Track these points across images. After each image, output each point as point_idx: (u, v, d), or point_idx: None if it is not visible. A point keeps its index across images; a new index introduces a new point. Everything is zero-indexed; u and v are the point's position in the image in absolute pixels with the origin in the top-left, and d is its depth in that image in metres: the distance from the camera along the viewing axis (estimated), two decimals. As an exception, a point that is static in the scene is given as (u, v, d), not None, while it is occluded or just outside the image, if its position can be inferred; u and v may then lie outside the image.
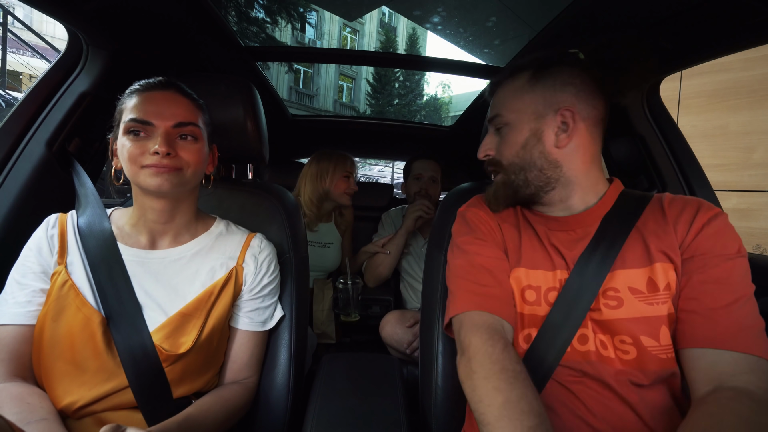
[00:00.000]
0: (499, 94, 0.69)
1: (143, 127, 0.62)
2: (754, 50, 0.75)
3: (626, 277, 0.58)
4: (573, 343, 0.58)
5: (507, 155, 0.65)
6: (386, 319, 1.34)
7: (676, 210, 0.60)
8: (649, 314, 0.56)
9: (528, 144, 0.63)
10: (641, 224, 0.61)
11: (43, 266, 0.63)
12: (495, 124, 0.68)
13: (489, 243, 0.67)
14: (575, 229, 0.64)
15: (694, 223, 0.57)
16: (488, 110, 0.71)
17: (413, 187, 1.63)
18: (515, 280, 0.64)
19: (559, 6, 0.81)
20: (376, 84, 18.41)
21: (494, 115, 0.67)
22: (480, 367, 0.52)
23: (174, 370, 0.63)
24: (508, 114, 0.65)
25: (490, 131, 0.69)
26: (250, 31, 8.44)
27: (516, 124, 0.64)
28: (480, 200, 0.75)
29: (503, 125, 0.66)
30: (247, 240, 0.76)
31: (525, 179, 0.64)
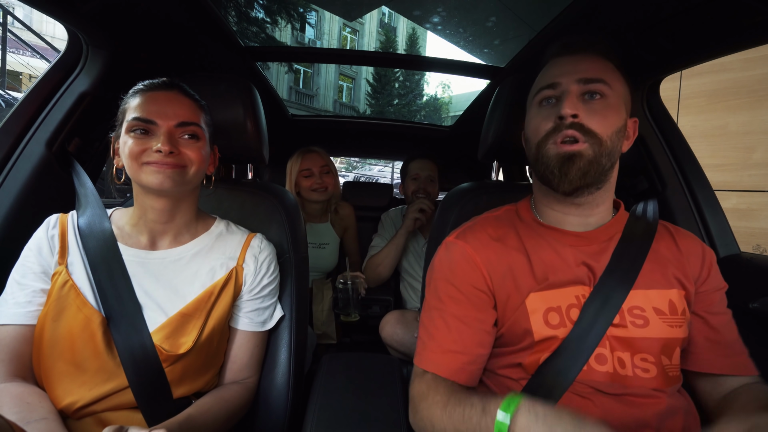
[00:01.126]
0: (600, 59, 0.61)
1: (146, 125, 0.62)
2: (754, 50, 0.74)
3: (648, 297, 0.59)
4: (590, 362, 0.57)
5: (603, 130, 0.57)
6: (386, 319, 1.34)
7: (685, 242, 0.65)
8: (671, 336, 0.58)
9: (619, 132, 0.59)
10: (655, 247, 0.63)
11: (44, 266, 0.63)
12: (591, 88, 0.58)
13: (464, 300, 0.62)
14: (592, 245, 0.63)
15: (705, 262, 0.64)
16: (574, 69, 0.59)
17: (411, 186, 1.63)
18: (533, 307, 0.59)
19: (559, 6, 0.81)
20: (376, 84, 18.41)
21: (596, 78, 0.58)
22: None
23: (174, 371, 0.63)
24: (610, 88, 0.59)
25: (572, 93, 0.58)
26: (250, 31, 8.44)
27: (615, 104, 0.59)
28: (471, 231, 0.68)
29: (601, 96, 0.58)
30: (247, 240, 0.76)
31: (606, 167, 0.59)
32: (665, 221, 0.70)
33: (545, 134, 0.59)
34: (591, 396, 0.56)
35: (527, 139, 0.66)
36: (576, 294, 0.59)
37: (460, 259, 0.64)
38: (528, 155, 0.66)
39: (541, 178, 0.62)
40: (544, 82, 0.62)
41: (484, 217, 0.72)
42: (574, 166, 0.57)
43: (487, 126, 0.90)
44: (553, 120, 0.59)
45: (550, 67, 0.64)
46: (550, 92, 0.61)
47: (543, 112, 0.61)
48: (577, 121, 0.57)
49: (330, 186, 1.53)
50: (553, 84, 0.60)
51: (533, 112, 0.64)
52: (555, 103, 0.60)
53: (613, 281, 0.58)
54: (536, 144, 0.61)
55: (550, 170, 0.59)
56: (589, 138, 0.57)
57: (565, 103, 0.57)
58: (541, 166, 0.61)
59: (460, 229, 0.70)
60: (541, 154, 0.60)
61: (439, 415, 0.54)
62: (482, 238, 0.66)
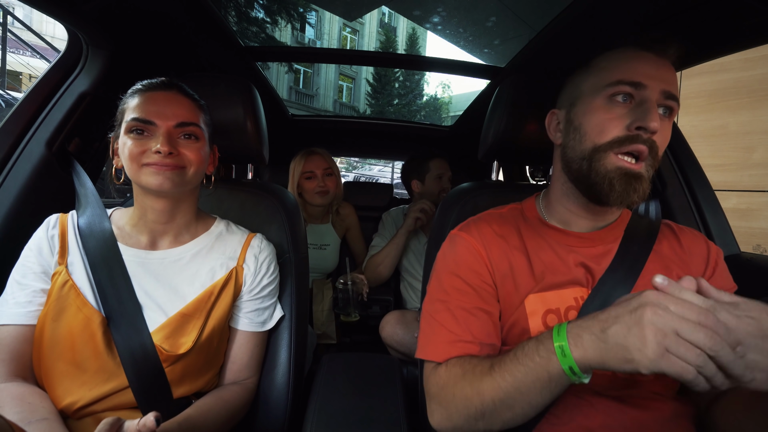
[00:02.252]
0: (672, 69, 0.56)
1: (145, 126, 0.62)
2: (754, 50, 0.74)
3: None
4: None
5: (663, 148, 0.55)
6: (386, 319, 1.34)
7: (688, 240, 0.63)
8: None
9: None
10: (658, 248, 0.62)
11: (44, 266, 0.63)
12: (668, 104, 0.54)
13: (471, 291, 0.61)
14: (597, 246, 0.62)
15: (710, 260, 0.61)
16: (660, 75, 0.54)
17: (436, 186, 1.58)
18: (532, 308, 0.58)
19: (559, 6, 0.81)
20: (376, 84, 18.41)
21: (674, 94, 0.54)
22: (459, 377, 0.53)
23: (174, 371, 0.63)
24: (678, 105, 0.56)
25: (656, 104, 0.53)
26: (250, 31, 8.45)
27: (672, 118, 0.56)
28: (475, 225, 0.67)
29: (669, 115, 0.55)
30: (247, 240, 0.76)
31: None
32: (668, 220, 0.69)
33: (611, 140, 0.54)
34: (591, 398, 0.56)
35: (579, 129, 0.58)
36: (574, 296, 0.59)
37: (465, 251, 0.63)
38: (570, 146, 0.59)
39: (590, 184, 0.56)
40: (625, 75, 0.54)
41: (489, 213, 0.71)
42: (641, 187, 0.54)
43: (487, 126, 0.90)
44: (625, 126, 0.53)
45: (632, 60, 0.55)
46: (630, 90, 0.54)
47: (614, 110, 0.55)
48: (653, 138, 0.53)
49: (332, 189, 1.53)
50: (638, 83, 0.53)
51: (599, 103, 0.56)
52: (632, 106, 0.54)
53: (614, 281, 0.58)
54: (594, 146, 0.55)
55: (608, 182, 0.54)
56: (650, 159, 0.54)
57: (652, 115, 0.51)
58: (595, 173, 0.55)
59: (464, 223, 0.69)
60: (596, 160, 0.55)
61: (488, 378, 0.49)
62: (487, 233, 0.65)
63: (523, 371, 0.46)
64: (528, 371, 0.46)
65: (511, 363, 0.47)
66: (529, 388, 0.46)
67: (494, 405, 0.48)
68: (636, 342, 0.38)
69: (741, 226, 2.00)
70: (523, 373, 0.46)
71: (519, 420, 0.49)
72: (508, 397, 0.47)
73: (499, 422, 0.50)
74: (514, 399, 0.47)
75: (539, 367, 0.45)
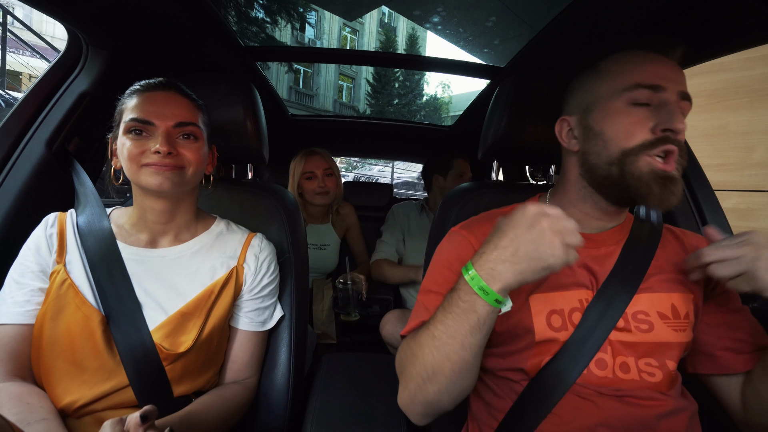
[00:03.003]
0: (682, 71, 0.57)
1: (144, 126, 0.62)
2: (754, 50, 0.74)
3: (653, 301, 0.58)
4: (591, 366, 0.56)
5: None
6: (386, 318, 1.34)
7: (691, 243, 0.64)
8: (676, 340, 0.57)
9: None
10: (661, 251, 0.62)
11: (42, 265, 0.63)
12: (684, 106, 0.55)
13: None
14: (600, 248, 0.62)
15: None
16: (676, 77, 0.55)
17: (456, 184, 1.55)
18: (537, 308, 0.58)
19: (559, 6, 0.81)
20: (376, 84, 18.41)
21: (689, 96, 0.55)
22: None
23: (174, 369, 0.63)
24: (691, 106, 0.56)
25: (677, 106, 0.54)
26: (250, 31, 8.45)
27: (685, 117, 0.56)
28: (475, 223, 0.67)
29: (684, 116, 0.56)
30: (247, 239, 0.76)
31: None
32: (670, 225, 0.69)
33: (640, 144, 0.54)
34: (592, 397, 0.56)
35: (601, 135, 0.57)
36: (579, 298, 0.59)
37: (461, 247, 0.64)
38: (593, 152, 0.59)
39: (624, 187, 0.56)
40: (642, 78, 0.55)
41: (491, 212, 0.72)
42: (677, 189, 0.54)
43: (487, 126, 0.90)
44: (651, 129, 0.53)
45: (647, 63, 0.56)
46: (649, 94, 0.54)
47: (637, 113, 0.55)
48: (679, 138, 0.53)
49: (333, 189, 1.53)
50: (657, 87, 0.54)
51: (620, 107, 0.56)
52: (653, 109, 0.54)
53: (617, 285, 0.58)
54: (622, 150, 0.55)
55: (645, 185, 0.54)
56: (680, 159, 0.54)
57: (677, 116, 0.52)
58: (629, 177, 0.55)
59: (465, 221, 0.70)
60: (627, 163, 0.55)
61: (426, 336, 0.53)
62: (486, 230, 0.64)
63: (452, 317, 0.50)
64: (456, 317, 0.50)
65: (441, 314, 0.52)
66: (460, 332, 0.50)
67: (434, 359, 0.51)
68: (547, 250, 0.46)
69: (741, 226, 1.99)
70: (452, 320, 0.50)
71: (459, 372, 0.51)
72: (444, 346, 0.50)
73: (443, 379, 0.52)
74: (448, 346, 0.50)
75: (466, 311, 0.49)
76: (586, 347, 0.56)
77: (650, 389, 0.56)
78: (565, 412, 0.56)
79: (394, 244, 1.61)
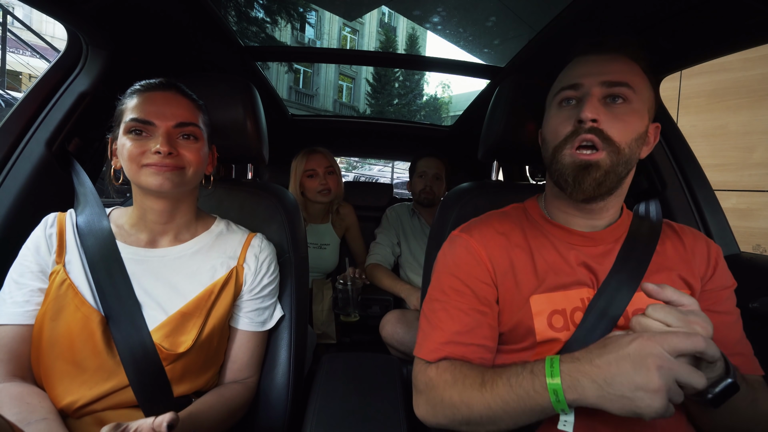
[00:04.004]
0: (628, 61, 0.58)
1: (144, 126, 0.62)
2: (754, 50, 0.74)
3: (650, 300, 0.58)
4: None
5: (623, 138, 0.55)
6: (386, 318, 1.34)
7: (690, 240, 0.64)
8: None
9: (639, 139, 0.57)
10: (660, 249, 0.62)
11: (41, 265, 0.63)
12: (615, 92, 0.56)
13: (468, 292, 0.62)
14: (598, 246, 0.62)
15: (710, 259, 0.63)
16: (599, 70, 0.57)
17: (418, 185, 1.63)
18: (537, 308, 0.59)
19: (559, 6, 0.81)
20: (376, 84, 18.41)
21: (620, 81, 0.56)
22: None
23: (174, 369, 0.63)
24: (634, 92, 0.56)
25: (594, 96, 0.56)
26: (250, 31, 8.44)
27: (638, 110, 0.56)
28: (476, 225, 0.68)
29: (624, 100, 0.56)
30: (247, 240, 0.76)
31: (623, 175, 0.57)
32: (669, 220, 0.69)
33: (563, 138, 0.57)
34: None
35: (544, 139, 0.63)
36: (581, 297, 0.59)
37: (464, 252, 0.64)
38: (544, 156, 0.64)
39: (556, 183, 0.61)
40: (566, 81, 0.59)
41: (491, 213, 0.72)
42: (590, 176, 0.55)
43: (487, 126, 0.90)
44: (573, 123, 0.56)
45: (574, 66, 0.61)
46: (571, 93, 0.58)
47: (562, 113, 0.59)
48: (597, 126, 0.54)
49: (334, 187, 1.54)
50: (576, 85, 0.58)
51: (552, 112, 0.61)
52: (575, 105, 0.58)
53: (617, 282, 0.58)
54: (553, 147, 0.59)
55: (564, 178, 0.57)
56: (607, 146, 0.54)
57: (585, 107, 0.54)
58: (555, 173, 0.59)
59: (466, 224, 0.70)
60: (556, 160, 0.58)
61: (478, 394, 0.51)
62: (487, 232, 0.65)
63: (515, 398, 0.47)
64: (519, 399, 0.47)
65: (504, 387, 0.49)
66: (517, 412, 0.48)
67: (481, 418, 0.51)
68: (645, 398, 0.39)
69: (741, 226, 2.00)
70: (514, 400, 0.47)
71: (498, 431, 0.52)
72: (496, 416, 0.49)
73: (480, 428, 0.52)
74: (501, 418, 0.49)
75: (530, 399, 0.46)
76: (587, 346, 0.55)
77: None
78: None
79: (389, 246, 1.61)
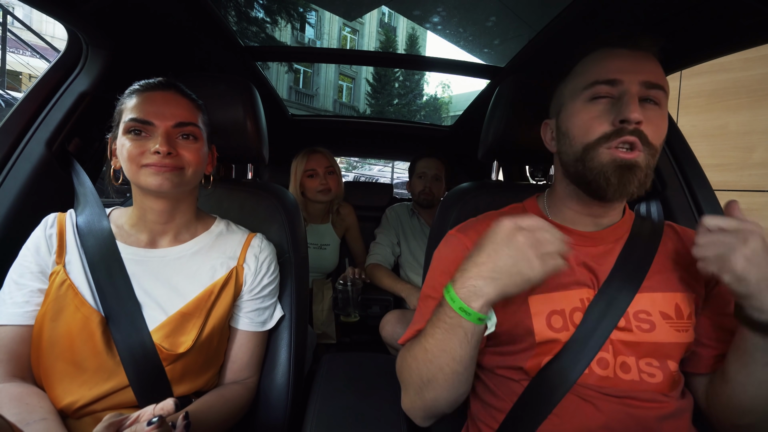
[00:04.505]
0: (654, 60, 0.57)
1: (144, 126, 0.62)
2: (754, 50, 0.74)
3: (655, 300, 0.58)
4: (592, 365, 0.56)
5: (657, 141, 0.55)
6: (386, 318, 1.34)
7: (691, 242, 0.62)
8: (677, 340, 0.57)
9: (664, 141, 0.57)
10: (663, 249, 0.62)
11: (41, 266, 0.63)
12: (652, 95, 0.55)
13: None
14: (598, 246, 0.61)
15: None
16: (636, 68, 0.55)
17: (417, 185, 1.63)
18: (536, 309, 0.58)
19: (559, 6, 0.81)
20: (376, 84, 18.41)
21: (658, 84, 0.55)
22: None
23: (174, 369, 0.63)
24: (665, 96, 0.56)
25: (636, 95, 0.54)
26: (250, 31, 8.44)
27: (665, 114, 0.56)
28: (473, 225, 0.68)
29: (658, 104, 0.55)
30: (247, 240, 0.76)
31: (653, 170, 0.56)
32: (671, 222, 0.69)
33: (600, 136, 0.55)
34: (593, 399, 0.56)
35: (567, 133, 0.59)
36: (581, 297, 0.58)
37: (458, 251, 0.64)
38: (564, 151, 0.61)
39: (587, 182, 0.57)
40: (600, 75, 0.56)
41: (488, 213, 0.72)
42: (636, 177, 0.54)
43: (487, 126, 0.90)
44: (611, 122, 0.54)
45: (605, 58, 0.57)
46: (607, 89, 0.55)
47: (595, 108, 0.56)
48: (640, 128, 0.53)
49: (334, 187, 1.54)
50: (614, 81, 0.55)
51: (580, 106, 0.57)
52: (610, 102, 0.55)
53: (618, 284, 0.57)
54: (584, 145, 0.56)
55: (604, 177, 0.54)
56: (646, 148, 0.53)
57: (631, 107, 0.52)
58: (590, 172, 0.56)
59: (463, 224, 0.70)
60: (589, 158, 0.55)
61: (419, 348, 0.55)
62: (482, 232, 0.64)
63: (441, 332, 0.52)
64: (444, 332, 0.52)
65: (431, 328, 0.54)
66: (450, 346, 0.51)
67: (428, 370, 0.54)
68: (524, 264, 0.48)
69: (741, 226, 1.99)
70: (441, 334, 0.52)
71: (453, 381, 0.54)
72: (436, 359, 0.53)
73: (438, 388, 0.54)
74: (440, 359, 0.52)
75: (453, 326, 0.51)
76: (588, 347, 0.55)
77: (651, 391, 0.55)
78: (565, 413, 0.55)
79: (389, 246, 1.62)
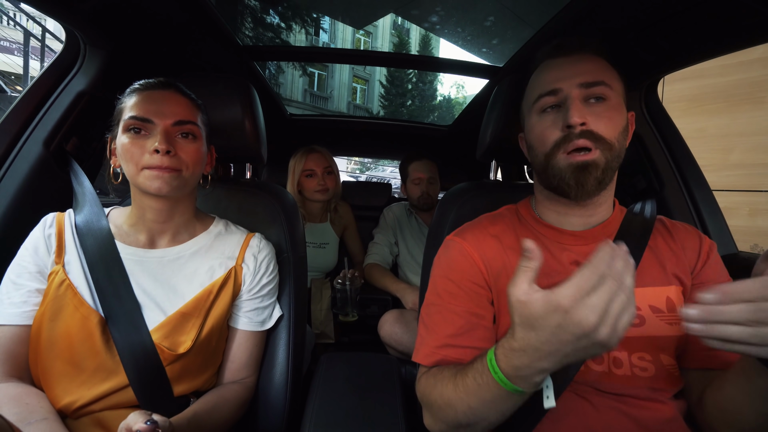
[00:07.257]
0: (596, 58, 0.59)
1: (143, 124, 0.62)
2: (731, 57, 0.76)
3: (645, 295, 0.58)
4: (588, 361, 0.56)
5: (611, 134, 0.56)
6: (385, 318, 1.34)
7: (681, 234, 0.64)
8: (668, 333, 0.57)
9: (624, 131, 0.58)
10: (653, 244, 0.62)
11: (40, 266, 0.63)
12: (594, 92, 0.57)
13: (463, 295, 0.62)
14: (589, 244, 0.62)
15: (701, 252, 0.62)
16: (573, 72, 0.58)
17: (415, 191, 1.61)
18: None
19: (557, 6, 0.81)
20: (389, 86, 18.44)
21: (597, 81, 0.57)
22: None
23: (173, 369, 0.63)
24: (610, 89, 0.57)
25: (576, 99, 0.56)
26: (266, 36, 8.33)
27: (617, 105, 0.58)
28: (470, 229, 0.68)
29: (604, 98, 0.57)
30: (246, 240, 0.76)
31: (616, 168, 0.58)
32: (663, 217, 0.69)
33: (554, 144, 0.57)
34: (590, 396, 0.56)
35: (531, 146, 0.63)
36: None
37: (458, 256, 0.64)
38: (533, 162, 0.64)
39: (554, 188, 0.60)
40: (543, 88, 0.60)
41: (483, 216, 0.72)
42: (591, 176, 0.55)
43: (485, 125, 0.90)
44: (560, 129, 0.57)
45: (545, 71, 0.61)
46: (551, 99, 0.59)
47: (546, 120, 0.59)
48: (587, 129, 0.55)
49: (332, 187, 1.54)
50: (554, 90, 0.58)
51: (534, 119, 0.61)
52: (558, 110, 0.58)
53: None
54: (545, 154, 0.59)
55: (565, 182, 0.57)
56: (600, 144, 0.55)
57: (571, 111, 0.55)
58: (553, 178, 0.59)
59: (460, 228, 0.71)
60: (551, 165, 0.58)
61: (452, 392, 0.51)
62: (480, 235, 0.66)
63: (485, 388, 0.47)
64: (485, 389, 0.47)
65: (471, 380, 0.48)
66: (493, 401, 0.47)
67: (466, 416, 0.50)
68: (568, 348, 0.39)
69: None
70: (484, 390, 0.47)
71: (500, 423, 0.50)
72: (482, 411, 0.49)
73: (479, 428, 0.51)
74: (482, 411, 0.49)
75: (493, 388, 0.45)
76: None
77: (645, 387, 0.56)
78: (564, 412, 0.56)
79: (387, 246, 1.61)
